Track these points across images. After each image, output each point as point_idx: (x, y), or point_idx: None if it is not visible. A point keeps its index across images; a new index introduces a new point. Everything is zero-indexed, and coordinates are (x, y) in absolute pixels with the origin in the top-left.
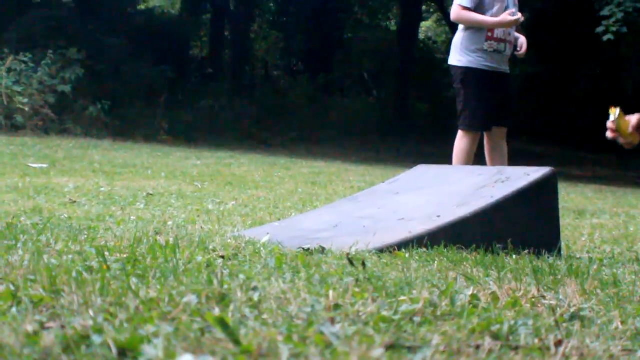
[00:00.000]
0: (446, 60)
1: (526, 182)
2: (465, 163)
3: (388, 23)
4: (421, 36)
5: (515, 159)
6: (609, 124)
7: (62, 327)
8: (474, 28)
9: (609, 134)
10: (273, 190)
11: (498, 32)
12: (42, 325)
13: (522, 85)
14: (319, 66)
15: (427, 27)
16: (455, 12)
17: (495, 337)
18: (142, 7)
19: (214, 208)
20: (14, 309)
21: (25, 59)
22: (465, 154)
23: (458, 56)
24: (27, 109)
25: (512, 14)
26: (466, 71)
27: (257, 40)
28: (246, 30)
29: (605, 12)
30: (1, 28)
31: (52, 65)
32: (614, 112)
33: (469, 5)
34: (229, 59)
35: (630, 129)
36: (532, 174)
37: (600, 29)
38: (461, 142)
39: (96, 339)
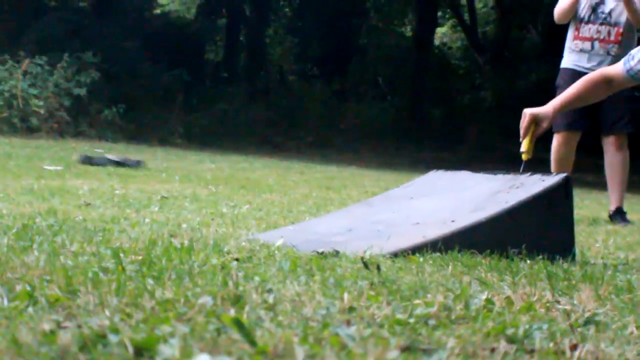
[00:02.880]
0: (461, 66)
1: (541, 187)
2: (557, 164)
3: (403, 29)
4: (436, 42)
5: (530, 165)
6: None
7: (79, 326)
8: (570, 28)
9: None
10: (287, 194)
11: (584, 31)
12: (59, 325)
13: (536, 91)
14: (334, 71)
15: (442, 33)
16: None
17: (511, 340)
18: (158, 11)
19: (228, 211)
20: (30, 309)
21: (41, 62)
22: (555, 154)
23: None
24: (42, 111)
25: None
26: (560, 71)
27: (272, 44)
28: (261, 34)
29: None
30: (17, 31)
31: (68, 68)
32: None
33: None
34: (244, 64)
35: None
36: (547, 179)
37: None
38: (553, 143)
39: (113, 338)
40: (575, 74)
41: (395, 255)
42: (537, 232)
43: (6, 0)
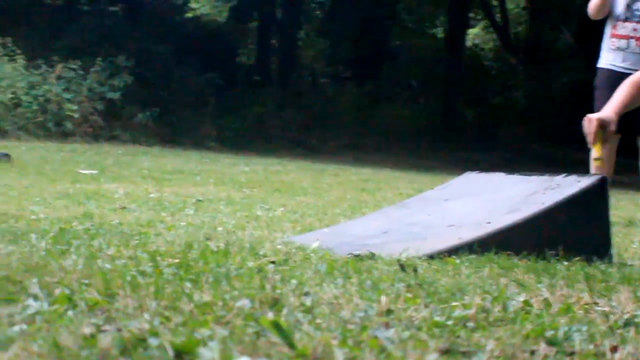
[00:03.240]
0: (493, 67)
1: (577, 188)
2: (595, 167)
3: (435, 30)
4: (468, 43)
5: (565, 166)
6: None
7: (118, 330)
8: (607, 26)
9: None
10: (321, 196)
11: (620, 29)
12: (99, 328)
13: (569, 92)
14: (366, 73)
15: (474, 34)
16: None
17: (550, 342)
18: (189, 15)
19: (263, 214)
20: (70, 312)
21: (75, 67)
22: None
23: None
24: (76, 116)
25: None
26: (597, 71)
27: (304, 47)
28: (293, 37)
29: None
30: (51, 36)
31: (101, 72)
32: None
33: None
34: (276, 67)
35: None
36: (583, 180)
37: None
38: None
39: (153, 341)
40: (611, 74)
41: (431, 257)
42: (573, 234)
43: (39, 5)
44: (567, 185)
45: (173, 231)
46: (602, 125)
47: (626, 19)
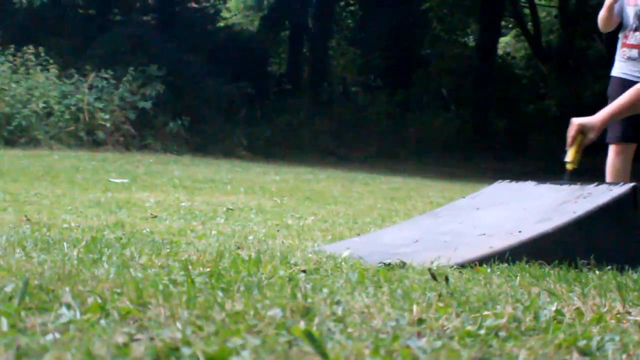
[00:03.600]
0: (525, 75)
1: (608, 197)
2: (613, 175)
3: (466, 39)
4: (500, 51)
5: (597, 175)
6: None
7: (151, 339)
8: (619, 36)
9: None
10: (352, 205)
11: (631, 39)
12: (131, 337)
13: (600, 100)
14: (397, 82)
15: (505, 42)
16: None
17: (583, 352)
18: (221, 24)
19: (294, 223)
20: (102, 321)
21: (107, 76)
22: (610, 166)
23: None
24: (108, 124)
25: None
26: (610, 80)
27: (335, 56)
28: (324, 46)
29: None
30: (84, 45)
31: (133, 81)
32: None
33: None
34: (307, 75)
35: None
36: (615, 189)
37: None
38: (609, 154)
39: (185, 350)
40: (624, 82)
41: (462, 266)
42: (605, 242)
43: (72, 16)
44: (599, 194)
45: (204, 240)
46: (582, 130)
47: (636, 29)
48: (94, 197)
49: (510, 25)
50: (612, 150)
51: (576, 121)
